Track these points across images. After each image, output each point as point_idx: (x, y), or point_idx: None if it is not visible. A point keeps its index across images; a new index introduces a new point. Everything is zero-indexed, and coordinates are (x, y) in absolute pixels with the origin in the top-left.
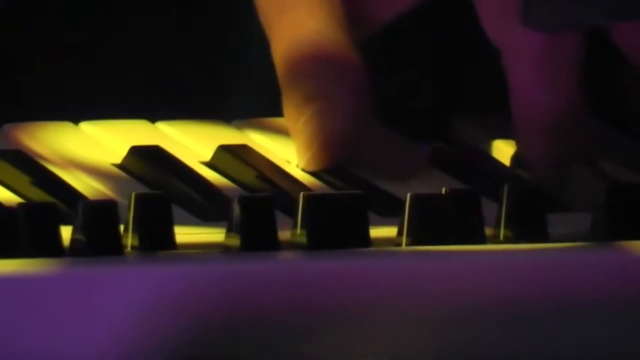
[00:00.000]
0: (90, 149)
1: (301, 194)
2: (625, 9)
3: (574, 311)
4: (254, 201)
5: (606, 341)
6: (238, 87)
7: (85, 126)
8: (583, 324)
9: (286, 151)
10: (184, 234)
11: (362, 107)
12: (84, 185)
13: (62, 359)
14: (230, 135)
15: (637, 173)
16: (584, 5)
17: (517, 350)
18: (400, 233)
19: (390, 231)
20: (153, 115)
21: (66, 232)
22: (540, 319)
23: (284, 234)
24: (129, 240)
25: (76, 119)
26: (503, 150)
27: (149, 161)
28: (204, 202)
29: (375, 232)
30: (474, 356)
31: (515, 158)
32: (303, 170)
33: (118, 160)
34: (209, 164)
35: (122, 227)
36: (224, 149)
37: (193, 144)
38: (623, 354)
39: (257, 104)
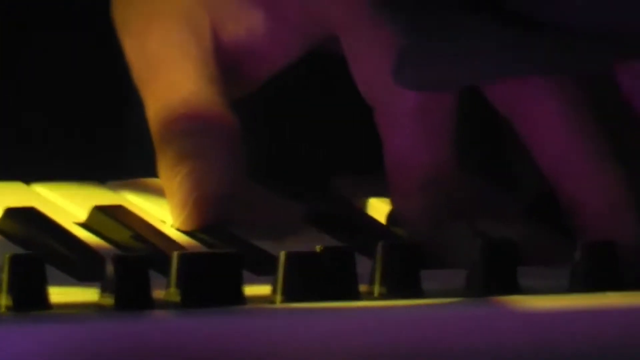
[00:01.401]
0: None
1: (174, 252)
2: (493, 70)
3: None
4: (128, 260)
5: None
6: (113, 149)
7: None
8: None
9: (161, 211)
10: (59, 294)
11: (236, 165)
12: None
13: None
14: (105, 196)
15: (514, 231)
16: (454, 66)
17: None
18: (274, 291)
19: (265, 289)
20: (28, 176)
21: None
22: None
23: (159, 293)
24: (3, 301)
25: None
26: (378, 208)
27: (23, 222)
28: (78, 262)
29: (250, 290)
30: None
31: (390, 216)
32: (178, 230)
33: None
34: (84, 225)
35: None
36: (99, 210)
37: (68, 205)
38: None
39: (133, 164)
